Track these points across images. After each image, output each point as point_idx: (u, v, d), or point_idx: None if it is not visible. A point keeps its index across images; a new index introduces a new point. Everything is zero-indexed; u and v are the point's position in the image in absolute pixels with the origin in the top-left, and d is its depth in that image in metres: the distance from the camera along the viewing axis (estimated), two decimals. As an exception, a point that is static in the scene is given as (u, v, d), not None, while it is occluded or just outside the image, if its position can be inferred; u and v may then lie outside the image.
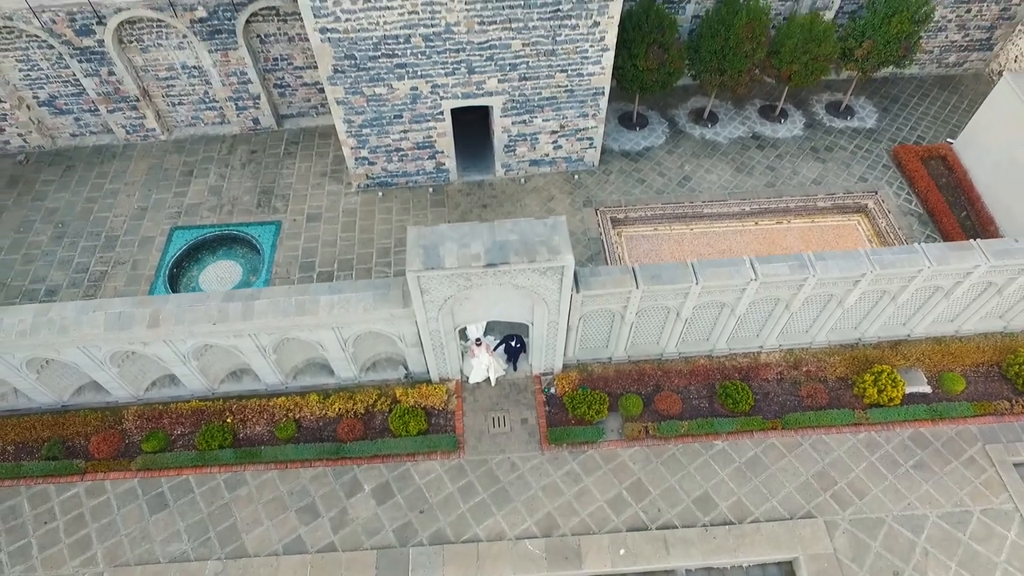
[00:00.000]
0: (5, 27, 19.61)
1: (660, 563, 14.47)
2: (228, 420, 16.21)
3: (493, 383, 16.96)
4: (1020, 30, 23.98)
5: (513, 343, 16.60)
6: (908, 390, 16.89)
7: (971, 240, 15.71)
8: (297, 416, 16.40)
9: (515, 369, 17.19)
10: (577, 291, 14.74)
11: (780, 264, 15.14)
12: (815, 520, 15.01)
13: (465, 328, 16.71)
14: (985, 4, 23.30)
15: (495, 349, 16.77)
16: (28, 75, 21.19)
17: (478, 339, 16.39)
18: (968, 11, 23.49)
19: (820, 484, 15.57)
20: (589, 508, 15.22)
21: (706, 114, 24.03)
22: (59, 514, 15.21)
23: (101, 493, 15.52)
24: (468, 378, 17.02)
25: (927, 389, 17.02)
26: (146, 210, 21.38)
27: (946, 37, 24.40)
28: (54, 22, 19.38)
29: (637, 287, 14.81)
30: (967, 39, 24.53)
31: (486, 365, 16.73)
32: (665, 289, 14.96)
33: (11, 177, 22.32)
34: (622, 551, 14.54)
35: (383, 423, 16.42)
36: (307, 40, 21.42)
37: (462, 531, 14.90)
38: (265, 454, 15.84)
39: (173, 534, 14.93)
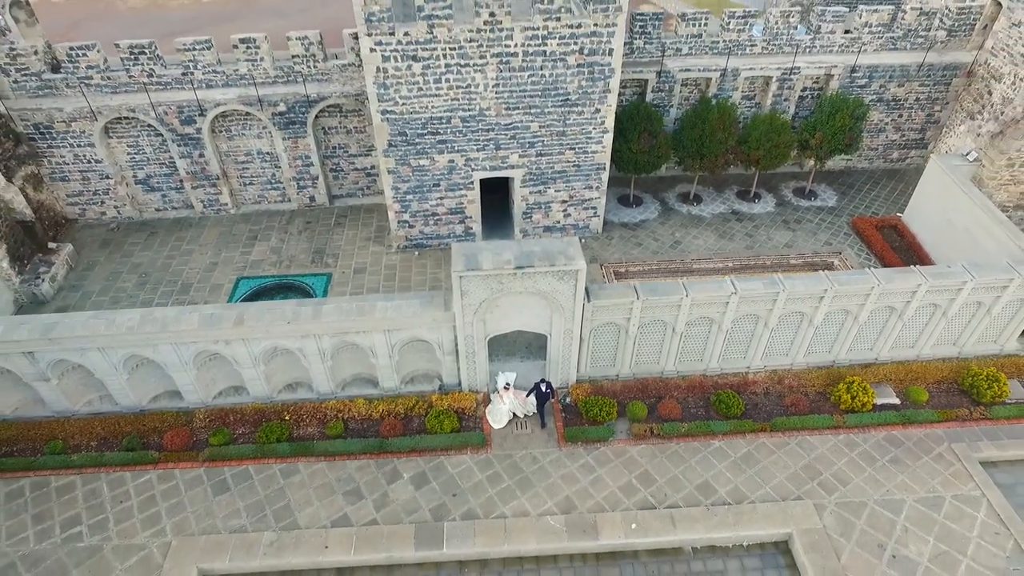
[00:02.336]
0: (126, 118, 24.56)
1: (668, 536, 16.19)
2: (286, 417, 18.60)
3: (522, 416, 19.09)
4: (947, 131, 29.05)
5: (543, 387, 18.61)
6: (879, 401, 19.33)
7: (912, 266, 19.03)
8: (345, 417, 18.80)
9: (543, 426, 18.88)
10: (588, 300, 17.87)
11: (755, 282, 18.42)
12: (805, 502, 16.88)
13: (497, 378, 19.44)
14: (912, 111, 28.56)
15: (527, 396, 18.91)
16: (134, 158, 25.90)
17: (507, 384, 18.93)
18: (900, 116, 28.69)
19: (807, 475, 17.58)
20: (603, 493, 17.15)
21: (691, 196, 28.43)
22: (133, 495, 17.18)
23: (171, 479, 17.56)
24: (491, 419, 18.98)
25: (896, 400, 19.44)
26: (216, 264, 25.04)
27: (887, 137, 29.44)
28: (166, 114, 24.34)
29: (638, 298, 17.96)
30: (904, 139, 29.57)
31: (510, 409, 19.12)
32: (661, 301, 18.09)
33: (104, 240, 26.27)
34: (633, 525, 16.32)
35: (420, 424, 18.76)
36: (363, 132, 26.35)
37: (491, 510, 16.76)
38: (316, 448, 18.05)
39: (233, 512, 16.81)
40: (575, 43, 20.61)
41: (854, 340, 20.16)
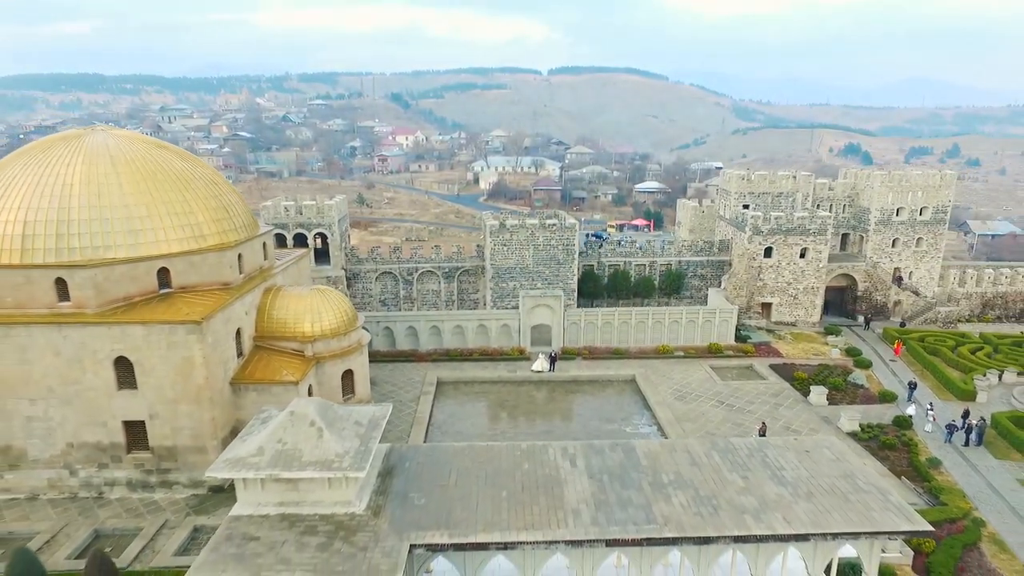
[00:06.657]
0: (384, 272, 62.25)
1: (590, 372, 48.25)
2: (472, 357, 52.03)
3: (543, 370, 51.93)
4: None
5: (551, 355, 52.21)
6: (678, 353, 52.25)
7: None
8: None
9: (552, 370, 52.04)
10: (565, 311, 52.59)
11: (629, 309, 53.44)
12: (643, 368, 49.02)
13: (538, 356, 52.92)
14: (708, 279, 65.60)
15: (548, 356, 52.35)
16: (382, 290, 62.74)
17: (540, 353, 52.51)
18: (703, 280, 65.70)
19: (645, 367, 49.85)
20: (571, 372, 49.45)
21: (617, 313, 64.03)
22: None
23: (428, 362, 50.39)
24: (533, 368, 52.01)
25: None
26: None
27: (700, 288, 65.98)
28: (400, 272, 62.02)
29: (584, 312, 52.67)
30: (707, 286, 65.96)
31: (541, 364, 52.25)
32: (592, 313, 52.70)
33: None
34: (582, 367, 48.54)
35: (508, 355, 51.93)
36: (475, 282, 63.36)
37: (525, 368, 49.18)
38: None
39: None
40: (559, 239, 58.72)
41: (660, 335, 53.63)
